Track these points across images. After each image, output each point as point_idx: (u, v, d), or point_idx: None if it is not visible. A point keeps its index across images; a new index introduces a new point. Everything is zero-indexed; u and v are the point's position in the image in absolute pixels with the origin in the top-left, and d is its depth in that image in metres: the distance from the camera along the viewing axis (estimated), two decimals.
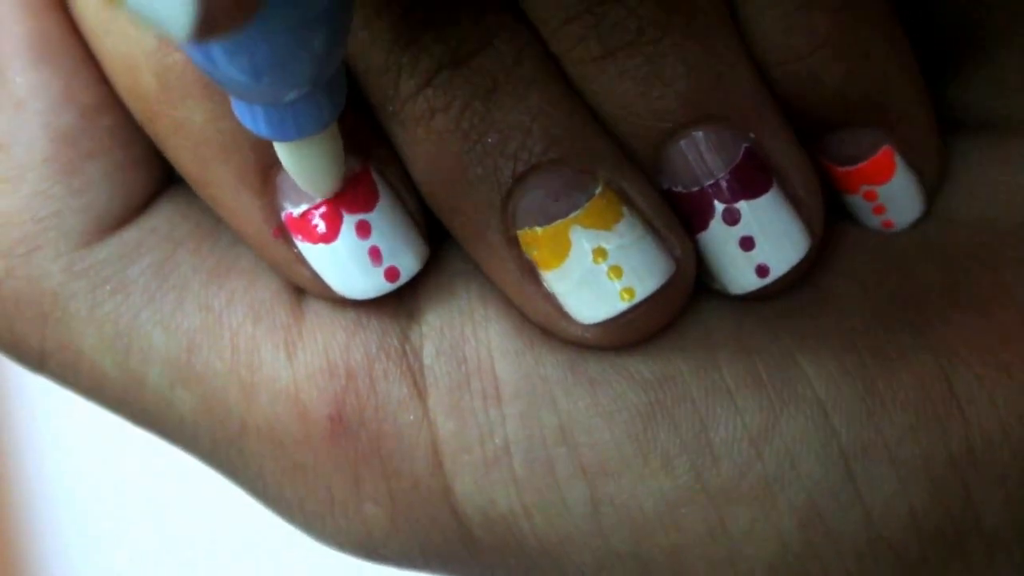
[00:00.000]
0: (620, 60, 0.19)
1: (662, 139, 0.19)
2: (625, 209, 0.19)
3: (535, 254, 0.19)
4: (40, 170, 0.20)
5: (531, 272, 0.19)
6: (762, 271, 0.20)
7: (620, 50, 0.19)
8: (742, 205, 0.19)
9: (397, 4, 0.18)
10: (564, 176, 0.19)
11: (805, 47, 0.19)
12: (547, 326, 0.20)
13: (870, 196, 0.21)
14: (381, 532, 0.20)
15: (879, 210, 0.21)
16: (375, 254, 0.19)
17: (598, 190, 0.19)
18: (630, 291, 0.19)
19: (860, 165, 0.21)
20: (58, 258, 0.20)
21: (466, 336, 0.20)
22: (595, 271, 0.19)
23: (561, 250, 0.19)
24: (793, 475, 0.19)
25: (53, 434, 0.46)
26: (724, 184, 0.19)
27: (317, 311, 0.20)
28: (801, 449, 0.19)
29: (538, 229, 0.19)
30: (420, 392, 0.20)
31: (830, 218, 0.21)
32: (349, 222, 0.19)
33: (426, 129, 0.19)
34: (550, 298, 0.19)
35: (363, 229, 0.19)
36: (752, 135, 0.19)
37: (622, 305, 0.19)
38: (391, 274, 0.20)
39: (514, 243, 0.19)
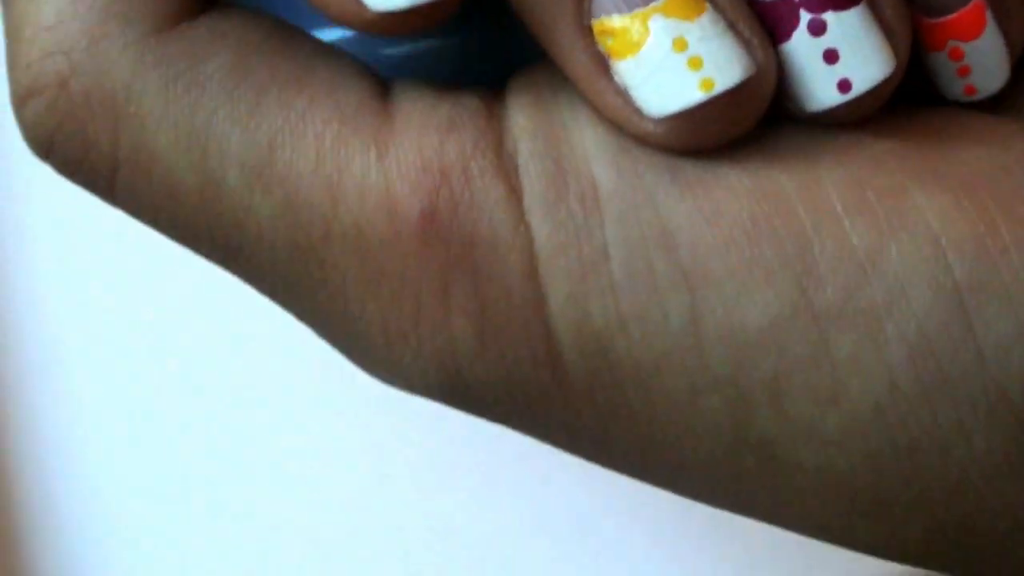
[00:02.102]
0: None
1: None
2: (709, 5, 0.19)
3: (609, 44, 0.19)
4: None
5: (603, 65, 0.19)
6: (844, 86, 0.19)
7: None
8: (829, 16, 0.19)
9: None
10: None
11: None
12: (618, 122, 0.19)
13: (956, 55, 0.20)
14: (467, 351, 0.19)
15: (963, 71, 0.21)
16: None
17: None
18: (709, 82, 0.19)
19: (950, 17, 0.20)
20: (126, 48, 0.19)
21: (561, 137, 0.20)
22: (673, 60, 0.19)
23: (638, 39, 0.19)
24: (903, 303, 0.18)
25: (53, 434, 0.45)
26: None
27: (407, 114, 0.20)
28: (912, 278, 0.19)
29: (615, 17, 0.19)
30: (515, 193, 0.19)
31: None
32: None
33: None
34: (621, 93, 0.19)
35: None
36: None
37: (699, 95, 0.19)
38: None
39: (587, 33, 0.19)
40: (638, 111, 0.19)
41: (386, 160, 0.19)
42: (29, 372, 0.45)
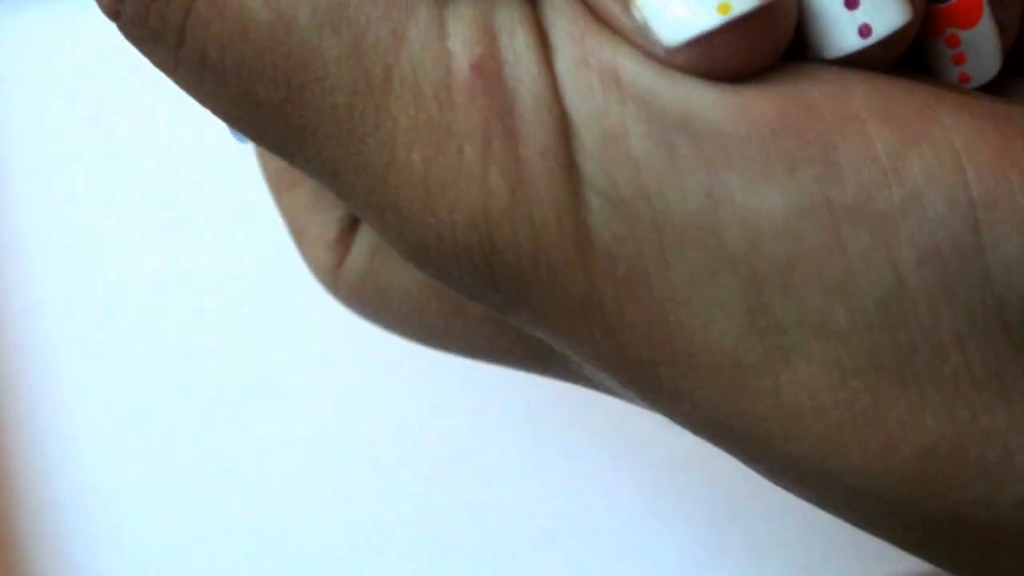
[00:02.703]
0: None
1: None
2: None
3: None
4: None
5: (622, 1, 0.20)
6: (864, 31, 0.20)
7: None
8: None
9: None
10: None
11: None
12: (642, 51, 0.20)
13: (953, 41, 0.22)
14: (499, 209, 0.20)
15: (959, 59, 0.22)
16: None
17: None
18: (726, 6, 0.19)
19: (950, 3, 0.22)
20: None
21: (589, 17, 0.21)
22: None
23: None
24: (919, 210, 0.19)
25: (54, 435, 0.45)
26: None
27: None
28: (930, 187, 0.19)
29: None
30: (551, 65, 0.20)
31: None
32: None
33: None
34: (639, 27, 0.20)
35: None
36: None
37: (716, 18, 0.19)
38: None
39: None
40: (659, 41, 0.20)
41: (447, 12, 0.20)
42: (29, 372, 0.44)
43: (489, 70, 0.20)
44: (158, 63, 0.21)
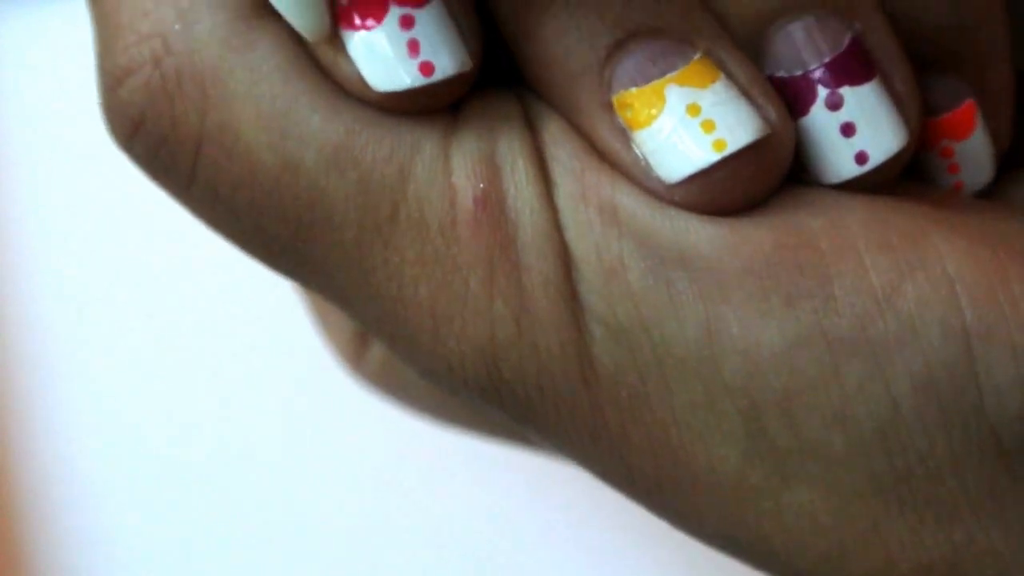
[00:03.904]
0: None
1: (768, 22, 0.21)
2: (722, 74, 0.20)
3: (628, 115, 0.20)
4: None
5: (624, 136, 0.20)
6: (861, 158, 0.21)
7: None
8: (845, 91, 0.20)
9: None
10: (662, 43, 0.20)
11: None
12: (642, 187, 0.21)
13: (946, 153, 0.22)
14: (505, 339, 0.21)
15: (953, 169, 0.22)
16: (413, 46, 0.20)
17: (696, 56, 0.20)
18: (721, 142, 0.20)
19: (943, 116, 0.22)
20: (215, 31, 0.21)
21: (587, 150, 0.21)
22: (687, 124, 0.20)
23: (654, 108, 0.20)
24: (913, 340, 0.20)
25: (54, 435, 0.46)
26: (828, 69, 0.20)
27: (471, 106, 0.21)
28: (924, 316, 0.20)
29: (632, 89, 0.20)
30: (552, 198, 0.21)
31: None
32: (395, 13, 0.20)
33: None
34: (642, 161, 0.20)
35: (406, 22, 0.20)
36: (857, 25, 0.21)
37: (712, 156, 0.20)
38: (425, 68, 0.20)
39: (608, 108, 0.20)
40: (658, 178, 0.20)
41: (451, 148, 0.21)
42: (29, 373, 0.44)
43: (492, 203, 0.20)
44: (171, 195, 0.22)
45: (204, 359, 0.42)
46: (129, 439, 0.43)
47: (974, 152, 0.22)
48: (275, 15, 0.20)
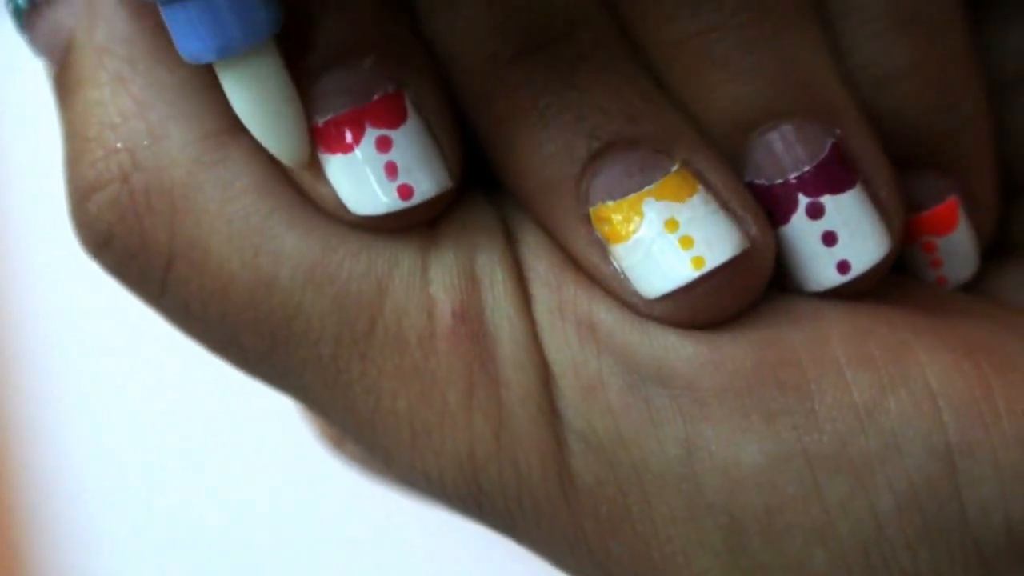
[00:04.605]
0: (708, 45, 0.20)
1: (747, 129, 0.20)
2: (701, 186, 0.20)
3: (605, 229, 0.20)
4: (159, 63, 0.21)
5: (602, 249, 0.20)
6: (843, 267, 0.20)
7: (711, 32, 0.20)
8: (826, 199, 0.20)
9: None
10: (640, 155, 0.20)
11: (897, 69, 0.20)
12: (620, 301, 0.20)
13: (929, 248, 0.22)
14: (484, 454, 0.20)
15: (936, 263, 0.22)
16: (391, 169, 0.20)
17: (674, 168, 0.20)
18: (699, 260, 0.20)
19: (925, 213, 0.22)
20: (185, 147, 0.20)
21: (565, 264, 0.21)
22: (665, 240, 0.20)
23: (631, 223, 0.20)
24: (896, 456, 0.20)
25: (54, 435, 0.46)
26: (809, 178, 0.20)
27: (449, 219, 0.21)
28: (907, 433, 0.20)
29: (610, 203, 0.20)
30: (530, 312, 0.20)
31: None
32: (371, 135, 0.20)
33: (504, 105, 0.20)
34: (620, 275, 0.20)
35: (383, 144, 0.20)
36: (838, 131, 0.20)
37: (691, 273, 0.20)
38: (404, 191, 0.20)
39: (586, 221, 0.20)
40: (636, 292, 0.20)
41: (429, 260, 0.20)
42: (30, 373, 0.45)
43: (470, 316, 0.20)
44: (143, 302, 0.22)
45: (204, 359, 0.42)
46: (129, 439, 0.44)
47: (957, 247, 0.22)
48: (247, 131, 0.20)
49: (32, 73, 0.43)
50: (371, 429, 0.21)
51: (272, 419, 0.40)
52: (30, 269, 0.45)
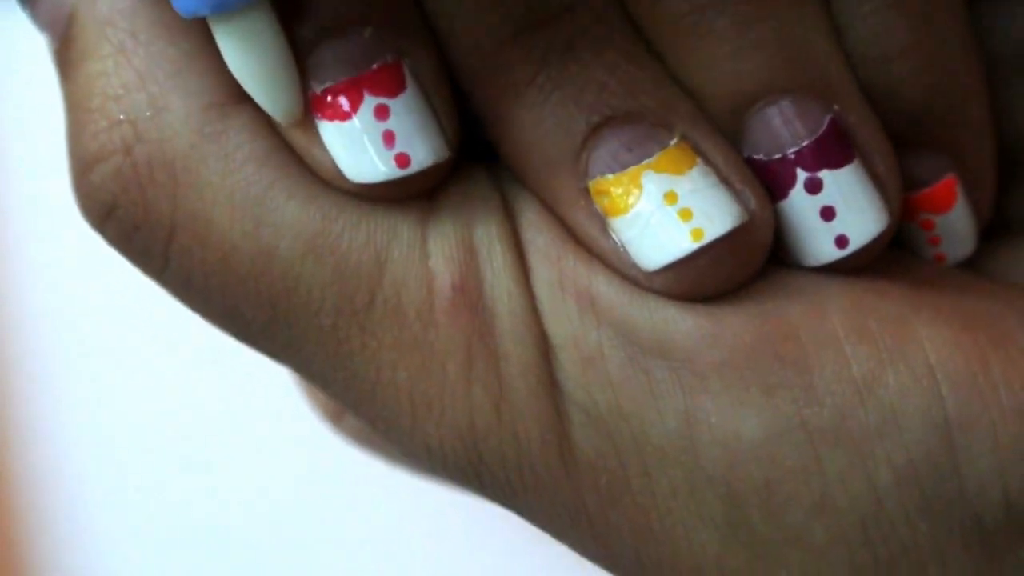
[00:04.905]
0: (708, 20, 0.20)
1: (745, 105, 0.20)
2: (699, 159, 0.20)
3: (605, 202, 0.20)
4: (161, 35, 0.21)
5: (601, 223, 0.20)
6: (842, 242, 0.20)
7: (711, 7, 0.20)
8: (824, 174, 0.20)
9: None
10: (638, 128, 0.20)
11: (895, 47, 0.21)
12: (620, 273, 0.20)
13: (927, 225, 0.22)
14: (484, 425, 0.20)
15: (934, 241, 0.22)
16: (389, 137, 0.20)
17: (673, 141, 0.20)
18: (699, 232, 0.20)
19: (923, 191, 0.22)
20: (188, 118, 0.21)
21: (564, 236, 0.21)
22: (664, 213, 0.20)
23: (631, 196, 0.20)
24: (895, 430, 0.20)
25: (54, 436, 0.46)
26: (807, 152, 0.20)
27: (447, 192, 0.21)
28: (906, 407, 0.20)
29: (609, 176, 0.20)
30: (529, 284, 0.21)
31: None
32: (369, 103, 0.20)
33: (503, 81, 0.20)
34: (617, 249, 0.20)
35: (382, 112, 0.20)
36: (836, 107, 0.20)
37: (690, 245, 0.20)
38: (401, 160, 0.20)
39: (585, 194, 0.20)
40: (636, 265, 0.20)
41: (428, 232, 0.20)
42: (30, 373, 0.45)
43: (469, 288, 0.20)
44: (145, 275, 0.22)
45: (205, 359, 0.41)
46: (129, 439, 0.44)
47: (955, 225, 0.22)
48: (249, 102, 0.20)
49: (32, 73, 0.44)
50: (371, 401, 0.21)
51: (273, 419, 0.41)
52: (30, 269, 0.45)
